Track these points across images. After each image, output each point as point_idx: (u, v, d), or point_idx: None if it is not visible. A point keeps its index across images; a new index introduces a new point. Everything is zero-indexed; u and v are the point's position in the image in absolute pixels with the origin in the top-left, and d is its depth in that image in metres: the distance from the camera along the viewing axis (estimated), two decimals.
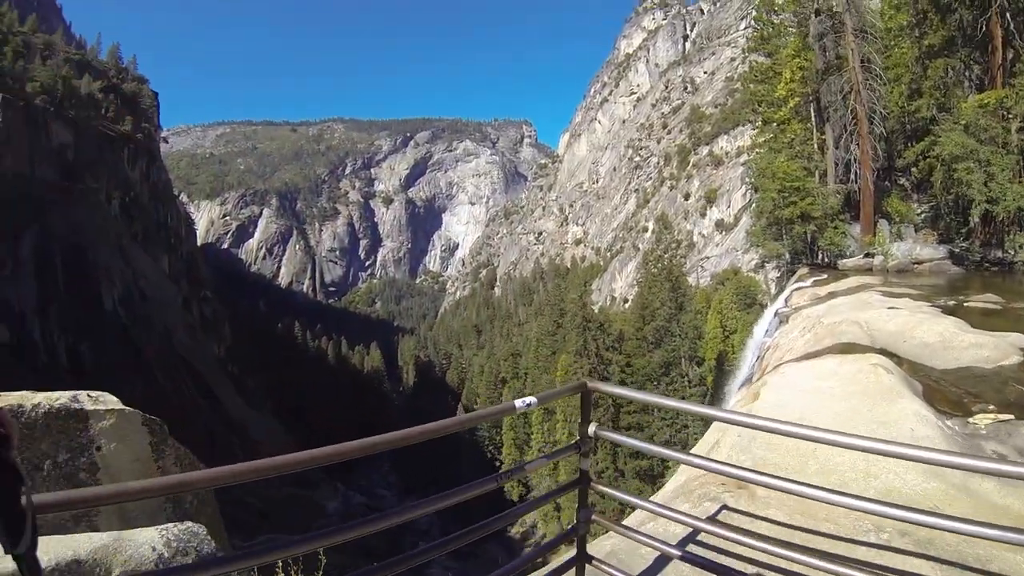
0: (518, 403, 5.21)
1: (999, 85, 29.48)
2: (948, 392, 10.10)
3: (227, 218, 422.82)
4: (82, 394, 6.47)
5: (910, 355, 12.12)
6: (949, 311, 16.54)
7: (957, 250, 30.58)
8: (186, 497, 6.69)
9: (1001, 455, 8.16)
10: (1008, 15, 28.72)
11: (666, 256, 78.57)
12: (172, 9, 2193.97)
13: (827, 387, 9.83)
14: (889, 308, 16.58)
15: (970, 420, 9.06)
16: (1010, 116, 28.17)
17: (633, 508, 6.99)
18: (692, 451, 10.02)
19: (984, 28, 29.78)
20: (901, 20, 37.63)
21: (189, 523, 5.61)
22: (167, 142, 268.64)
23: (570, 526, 5.94)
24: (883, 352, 12.06)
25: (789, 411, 8.92)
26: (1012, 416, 9.23)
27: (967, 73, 33.90)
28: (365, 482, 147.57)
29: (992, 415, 9.25)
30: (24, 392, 6.07)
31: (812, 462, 7.54)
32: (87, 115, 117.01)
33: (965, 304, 18.67)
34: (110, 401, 6.62)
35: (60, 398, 6.17)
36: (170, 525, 5.48)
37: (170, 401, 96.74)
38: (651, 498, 8.85)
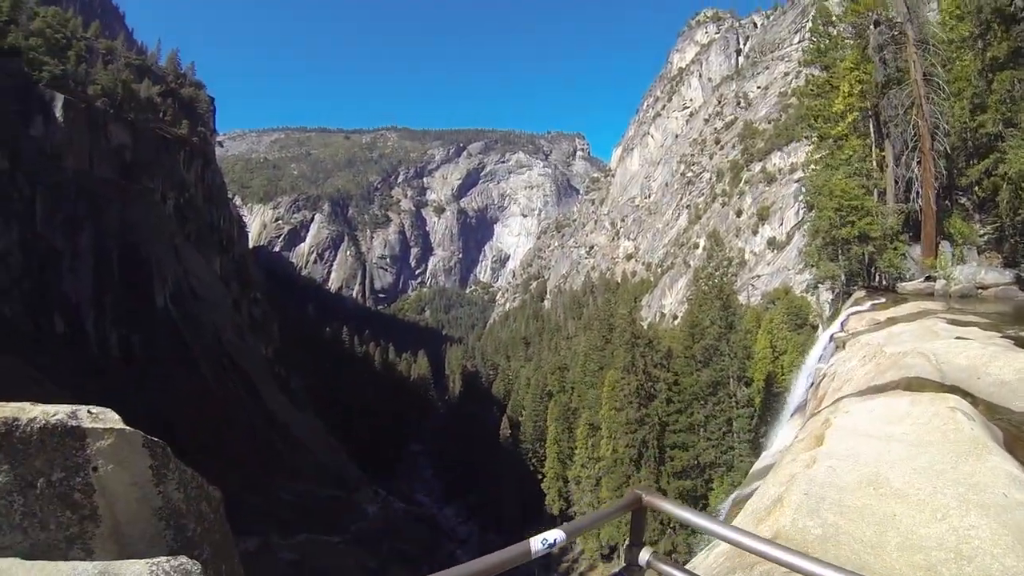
0: (535, 543, 3.83)
1: None
2: None
3: (279, 222, 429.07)
4: (82, 410, 5.91)
5: (984, 394, 11.09)
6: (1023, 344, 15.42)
7: None
8: (188, 524, 6.12)
9: None
10: None
11: (717, 273, 77.46)
12: (233, 18, 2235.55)
13: (900, 433, 8.89)
14: (957, 338, 15.51)
15: None
16: None
17: None
18: (749, 504, 9.01)
19: None
20: (963, 31, 36.11)
21: (183, 558, 5.00)
22: (222, 146, 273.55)
23: None
24: (954, 389, 11.12)
25: (862, 464, 7.93)
26: None
27: None
28: (406, 488, 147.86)
29: None
30: (22, 404, 5.54)
31: (892, 533, 6.48)
32: (145, 118, 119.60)
33: None
34: (110, 419, 6.05)
35: (58, 413, 5.64)
36: (162, 560, 4.90)
37: (214, 396, 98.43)
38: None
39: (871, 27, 35.58)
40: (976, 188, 36.47)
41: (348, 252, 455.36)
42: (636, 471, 75.27)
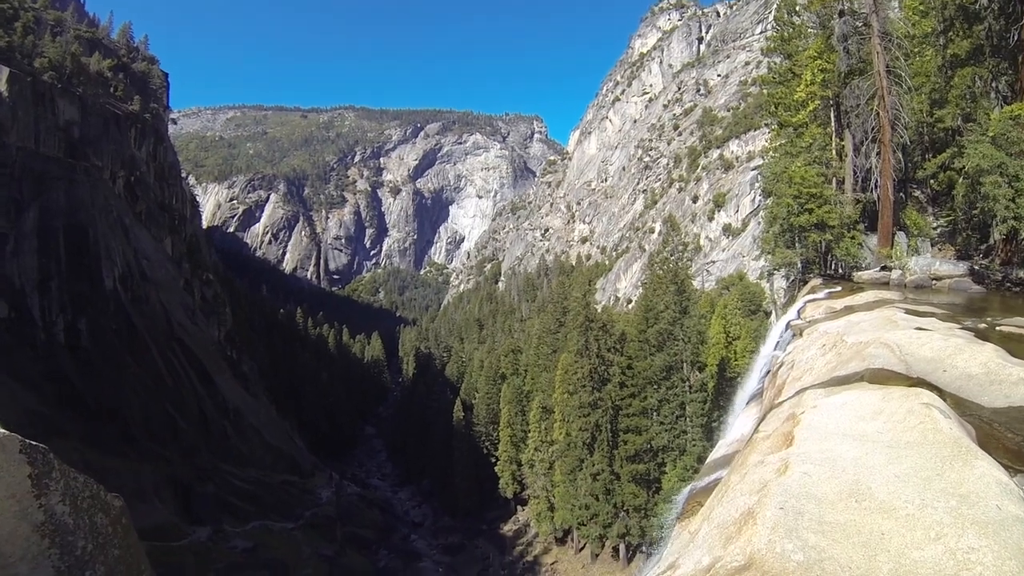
0: None
1: None
2: (1005, 439, 8.82)
3: (234, 202, 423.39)
4: None
5: (952, 388, 10.82)
6: (983, 336, 15.05)
7: (977, 267, 28.97)
8: (77, 542, 5.48)
9: None
10: None
11: (672, 258, 77.13)
12: None
13: (875, 432, 8.49)
14: (917, 328, 15.33)
15: None
16: None
17: None
18: (714, 513, 8.33)
19: (1017, 37, 28.59)
20: (926, 27, 36.73)
21: None
22: (176, 123, 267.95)
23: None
24: (920, 382, 10.87)
25: (840, 470, 7.40)
26: None
27: (994, 84, 32.71)
28: (361, 471, 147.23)
29: None
30: None
31: (883, 558, 5.85)
32: (95, 93, 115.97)
33: (997, 327, 17.10)
34: None
35: None
36: None
37: (164, 380, 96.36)
38: None
39: (836, 17, 35.50)
40: (932, 181, 37.03)
41: (303, 233, 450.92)
42: (589, 455, 75.45)
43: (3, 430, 5.06)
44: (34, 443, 5.25)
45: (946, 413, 8.68)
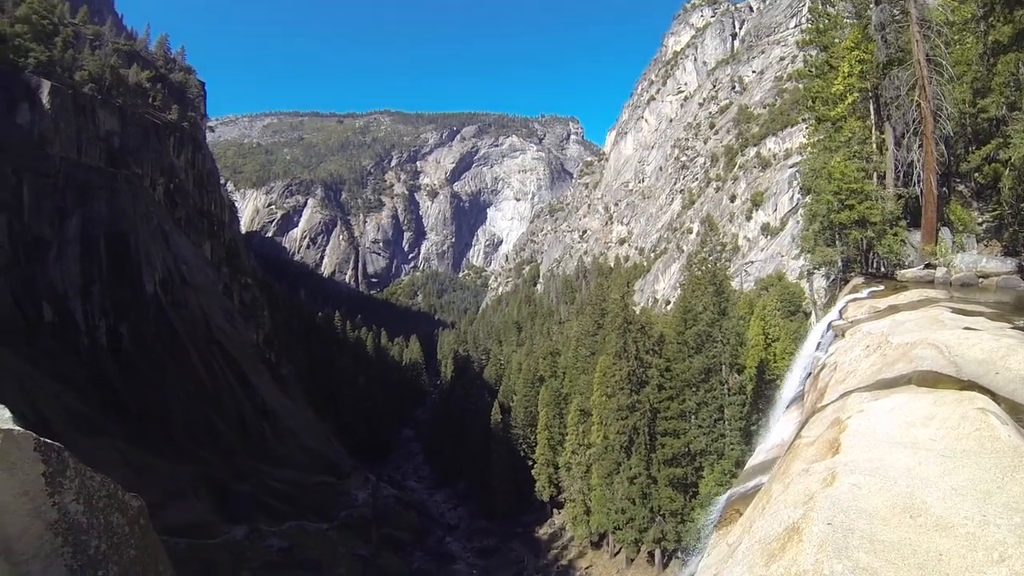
0: None
1: None
2: None
3: (272, 207, 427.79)
4: None
5: (1006, 391, 10.27)
6: None
7: None
8: (91, 541, 5.23)
9: None
10: None
11: (710, 259, 76.27)
12: (224, 3, 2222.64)
13: (927, 439, 8.00)
14: (965, 328, 14.74)
15: None
16: None
17: None
18: (756, 527, 7.75)
19: None
20: (966, 13, 35.91)
21: None
22: (214, 131, 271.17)
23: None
24: (972, 385, 10.39)
25: (891, 482, 6.89)
26: None
27: None
28: (397, 474, 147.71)
29: None
30: None
31: None
32: (134, 103, 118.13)
33: None
34: None
35: None
36: None
37: (203, 383, 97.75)
38: None
39: (872, 5, 34.88)
40: (976, 175, 35.87)
41: (341, 237, 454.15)
42: (627, 458, 74.80)
43: (18, 428, 4.88)
44: (49, 441, 5.10)
45: (1003, 419, 8.16)
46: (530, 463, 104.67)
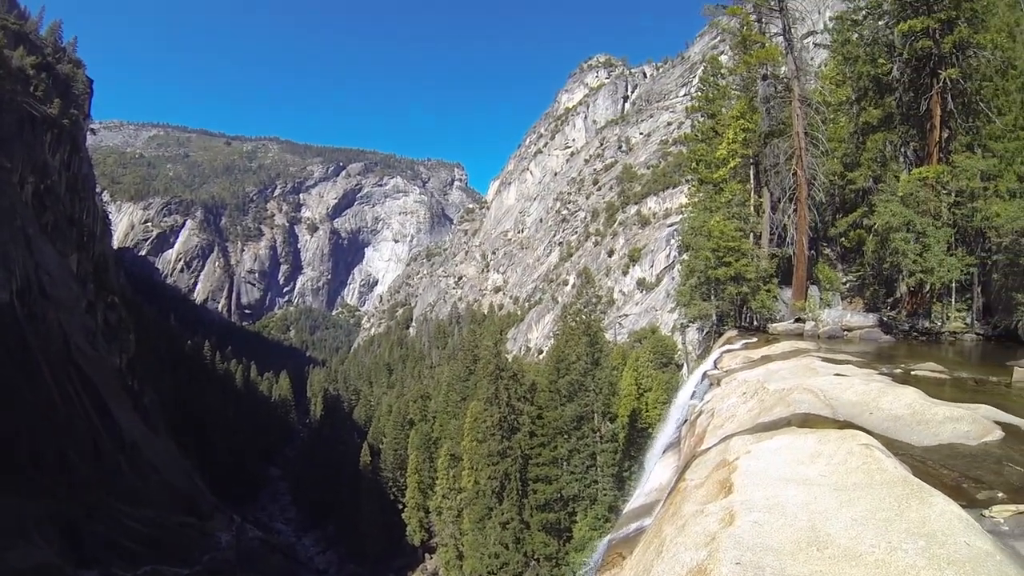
0: None
1: (934, 162, 30.15)
2: (943, 476, 8.81)
3: (148, 224, 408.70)
4: None
5: (880, 429, 10.90)
6: (902, 380, 15.71)
7: (886, 319, 30.66)
8: None
9: None
10: (949, 96, 29.41)
11: (585, 310, 77.78)
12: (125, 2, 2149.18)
13: (817, 475, 8.23)
14: (836, 375, 15.60)
15: (985, 513, 7.73)
16: (944, 192, 28.79)
17: None
18: (656, 569, 7.52)
19: (926, 107, 30.35)
20: (841, 96, 39.09)
21: None
22: (95, 134, 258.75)
23: None
24: (848, 425, 10.94)
25: (791, 517, 6.94)
26: None
27: (903, 149, 34.66)
28: (264, 515, 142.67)
29: (1010, 506, 7.96)
30: None
31: None
32: (13, 89, 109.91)
33: (912, 372, 18.06)
34: None
35: None
36: None
37: (57, 411, 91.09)
38: None
39: (760, 80, 37.49)
40: (843, 239, 38.59)
41: (217, 263, 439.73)
42: (499, 503, 74.63)
43: None
44: None
45: (886, 452, 8.54)
46: (401, 507, 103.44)
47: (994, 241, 27.21)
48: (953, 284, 28.73)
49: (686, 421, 21.06)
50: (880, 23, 33.41)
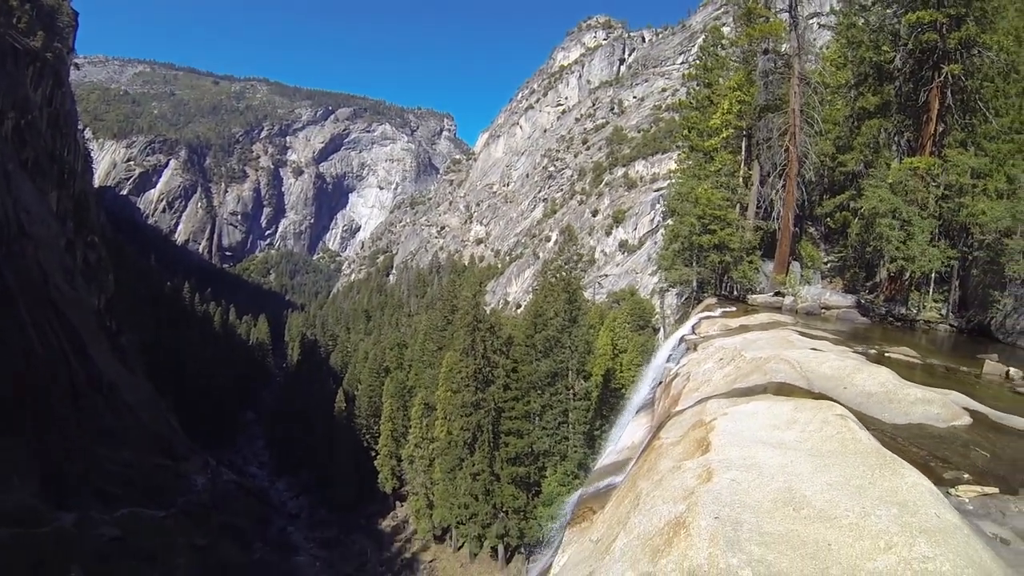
0: None
1: (927, 154, 30.35)
2: (911, 453, 9.20)
3: (131, 163, 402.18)
4: None
5: (853, 404, 11.29)
6: (876, 360, 16.26)
7: (864, 301, 31.12)
8: None
9: (1004, 540, 7.18)
10: (949, 91, 29.54)
11: (566, 267, 77.74)
12: None
13: (793, 440, 8.55)
14: (812, 349, 15.99)
15: (951, 491, 8.11)
16: (934, 184, 29.13)
17: None
18: (632, 523, 7.65)
19: (925, 99, 30.53)
20: (841, 79, 39.21)
21: None
22: (79, 69, 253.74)
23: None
24: (822, 397, 11.34)
25: (768, 477, 7.26)
26: (996, 489, 8.50)
27: (897, 138, 34.71)
28: (239, 458, 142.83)
29: (975, 487, 8.37)
30: None
31: (836, 570, 5.68)
32: None
33: (886, 354, 18.62)
34: None
35: None
36: None
37: (34, 351, 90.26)
38: None
39: (760, 54, 37.66)
40: (828, 219, 39.37)
41: (199, 204, 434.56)
42: (470, 454, 75.33)
43: None
44: None
45: (860, 425, 8.84)
46: (373, 454, 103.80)
47: (977, 238, 27.81)
48: (933, 275, 29.31)
49: (661, 383, 21.40)
50: (888, 11, 33.39)
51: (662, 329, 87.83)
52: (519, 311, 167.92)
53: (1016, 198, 26.09)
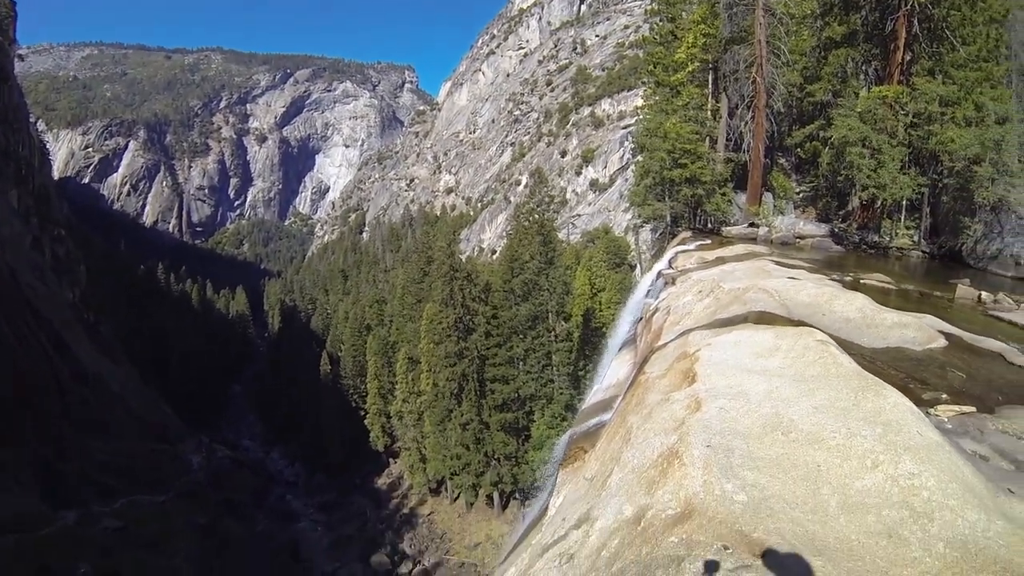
0: None
1: (895, 82, 30.57)
2: (890, 375, 9.41)
3: (89, 150, 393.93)
4: None
5: (832, 330, 11.56)
6: (851, 287, 16.48)
7: (837, 230, 31.70)
8: None
9: (983, 456, 7.36)
10: (916, 19, 29.69)
11: (538, 210, 77.53)
12: None
13: (777, 367, 8.72)
14: (789, 278, 16.12)
15: (931, 411, 8.31)
16: (902, 112, 29.40)
17: None
18: (626, 457, 7.78)
19: (891, 28, 30.63)
20: (806, 9, 38.77)
21: None
22: (23, 60, 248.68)
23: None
24: (803, 324, 11.49)
25: (755, 404, 7.45)
26: (974, 408, 8.77)
27: (864, 67, 34.99)
28: (231, 433, 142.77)
29: (953, 407, 8.60)
30: None
31: (827, 490, 5.89)
32: None
33: (861, 281, 19.03)
34: None
35: None
36: None
37: (14, 352, 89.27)
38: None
39: None
40: (798, 150, 39.61)
41: (165, 183, 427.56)
42: (458, 405, 75.81)
43: None
44: None
45: (840, 349, 9.00)
46: (363, 413, 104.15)
47: (946, 165, 28.18)
48: (904, 202, 29.85)
49: (641, 319, 21.55)
50: None
51: (638, 265, 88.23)
52: (495, 257, 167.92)
53: (984, 125, 26.43)
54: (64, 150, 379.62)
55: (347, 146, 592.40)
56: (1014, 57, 30.74)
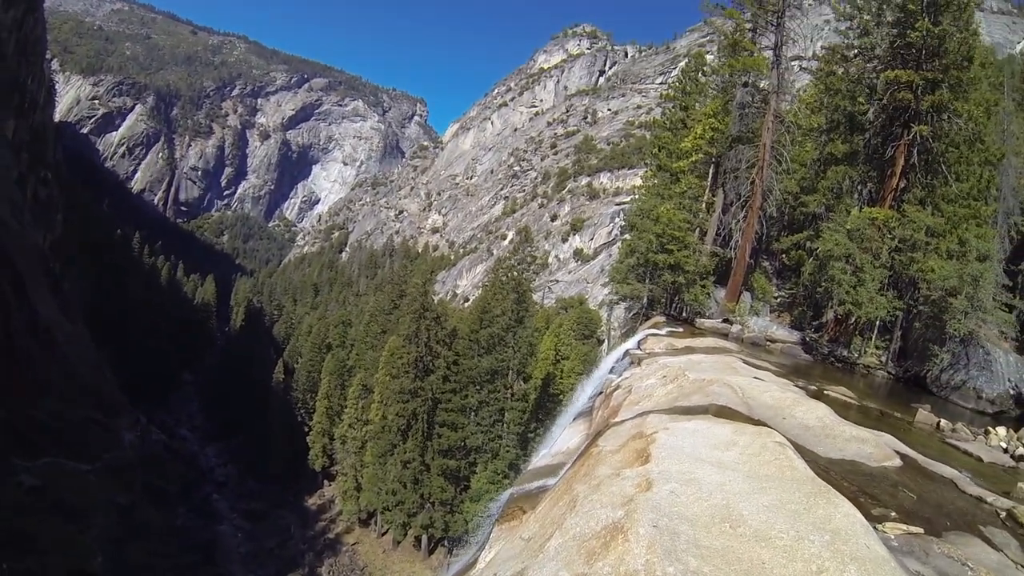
0: None
1: (886, 206, 31.40)
2: (842, 487, 9.51)
3: (95, 102, 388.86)
4: None
5: (791, 435, 11.65)
6: (815, 396, 16.73)
7: (808, 339, 31.86)
8: None
9: None
10: (916, 150, 30.60)
11: (519, 267, 77.93)
12: None
13: (731, 461, 8.82)
14: (755, 378, 16.35)
15: (879, 527, 8.46)
16: (889, 236, 30.06)
17: None
18: (568, 524, 7.71)
19: (891, 154, 31.57)
20: (814, 122, 40.51)
21: None
22: None
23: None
24: (762, 424, 11.63)
25: (706, 493, 7.48)
26: (921, 529, 8.93)
27: (860, 187, 35.90)
28: (170, 419, 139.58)
29: (901, 525, 8.76)
30: None
31: None
32: None
33: (825, 391, 19.27)
34: None
35: None
36: None
37: None
38: None
39: (739, 86, 38.61)
40: (784, 256, 40.88)
41: (160, 155, 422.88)
42: (403, 441, 75.45)
43: None
44: None
45: (797, 454, 9.14)
46: (307, 429, 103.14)
47: (924, 293, 28.82)
48: (877, 322, 30.39)
49: (601, 393, 21.66)
50: (869, 65, 34.36)
51: (607, 341, 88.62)
52: (467, 304, 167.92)
53: (965, 260, 27.12)
54: (71, 95, 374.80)
55: (345, 163, 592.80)
56: (1003, 200, 32.14)
